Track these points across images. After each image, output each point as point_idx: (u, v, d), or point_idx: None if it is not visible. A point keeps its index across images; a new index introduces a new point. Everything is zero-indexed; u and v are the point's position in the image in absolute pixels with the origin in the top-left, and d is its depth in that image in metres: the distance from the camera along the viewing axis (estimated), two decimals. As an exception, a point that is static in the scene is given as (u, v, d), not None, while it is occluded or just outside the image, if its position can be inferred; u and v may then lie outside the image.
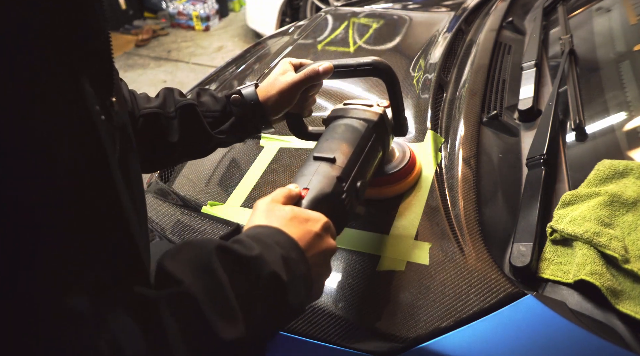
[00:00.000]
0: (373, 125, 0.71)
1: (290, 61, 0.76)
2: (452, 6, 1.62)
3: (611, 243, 0.62)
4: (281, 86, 0.73)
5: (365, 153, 0.68)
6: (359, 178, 0.65)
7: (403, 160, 0.83)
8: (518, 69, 1.14)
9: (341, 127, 0.71)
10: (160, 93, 0.75)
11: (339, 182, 0.61)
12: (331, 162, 0.63)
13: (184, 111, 0.73)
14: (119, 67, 4.05)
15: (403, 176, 0.82)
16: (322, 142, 0.68)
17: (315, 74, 0.72)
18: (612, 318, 0.57)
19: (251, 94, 0.74)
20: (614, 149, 0.80)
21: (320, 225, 0.53)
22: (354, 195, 0.63)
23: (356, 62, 0.72)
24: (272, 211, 0.53)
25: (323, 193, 0.59)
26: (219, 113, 0.75)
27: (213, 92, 0.77)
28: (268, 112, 0.75)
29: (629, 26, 1.08)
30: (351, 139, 0.68)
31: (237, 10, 5.16)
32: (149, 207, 1.01)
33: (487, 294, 0.62)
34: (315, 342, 0.66)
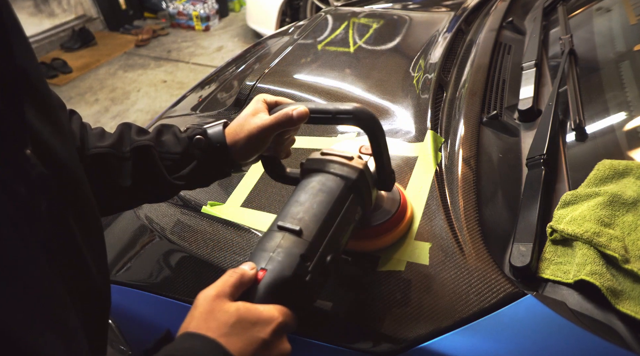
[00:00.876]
0: (351, 183, 0.62)
1: (265, 99, 0.67)
2: (452, 6, 1.62)
3: (611, 243, 0.62)
4: (250, 129, 0.64)
5: (339, 219, 0.59)
6: (329, 251, 0.57)
7: (391, 208, 0.73)
8: (518, 69, 1.15)
9: (314, 186, 0.62)
10: (117, 129, 0.66)
11: (302, 261, 0.52)
12: (296, 235, 0.55)
13: (139, 152, 0.63)
14: (119, 67, 4.07)
15: (389, 228, 0.72)
16: (289, 206, 0.60)
17: (288, 120, 0.63)
18: (612, 318, 0.57)
19: (218, 136, 0.65)
20: (614, 149, 0.80)
21: (270, 329, 0.46)
22: (321, 274, 0.55)
23: (335, 109, 0.62)
24: (213, 312, 0.45)
25: (283, 277, 0.51)
26: (179, 156, 0.65)
27: (176, 131, 0.68)
28: (237, 156, 0.65)
29: (629, 26, 1.08)
30: (323, 203, 0.59)
31: (237, 10, 5.16)
32: (149, 207, 1.01)
33: (487, 294, 0.62)
34: (315, 342, 0.66)
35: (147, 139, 0.65)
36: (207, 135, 0.66)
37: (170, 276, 0.88)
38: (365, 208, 0.66)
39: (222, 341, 0.43)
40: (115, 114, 3.37)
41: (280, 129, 0.64)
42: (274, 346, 0.46)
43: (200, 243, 0.87)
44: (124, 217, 1.05)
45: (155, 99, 3.55)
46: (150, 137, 0.66)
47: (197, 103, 1.42)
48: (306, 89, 1.23)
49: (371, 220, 0.72)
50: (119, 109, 3.44)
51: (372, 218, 0.72)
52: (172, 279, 0.88)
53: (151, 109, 3.40)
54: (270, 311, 0.48)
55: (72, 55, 4.29)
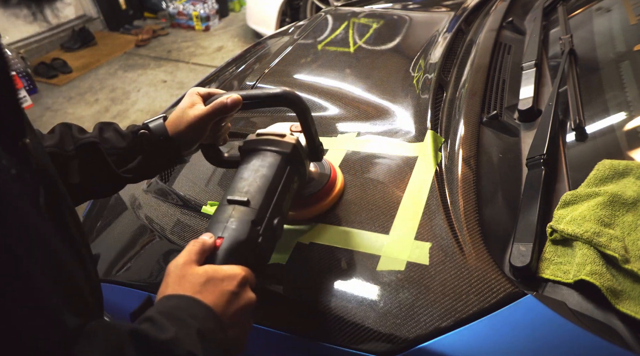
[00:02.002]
0: (287, 157, 0.69)
1: (198, 92, 0.72)
2: (452, 6, 1.62)
3: (611, 243, 0.62)
4: (189, 119, 0.68)
5: (280, 188, 0.67)
6: (276, 214, 0.64)
7: (322, 180, 0.82)
8: (518, 69, 1.15)
9: (254, 163, 0.68)
10: (55, 129, 0.68)
11: (254, 226, 0.60)
12: (245, 205, 0.61)
13: (85, 149, 0.66)
14: (119, 67, 4.07)
15: (321, 198, 0.81)
16: (235, 182, 0.66)
17: (223, 107, 0.68)
18: (612, 318, 0.57)
19: (160, 129, 0.69)
20: (614, 149, 0.80)
21: (236, 282, 0.52)
22: (270, 235, 0.63)
23: (264, 93, 0.70)
24: (185, 277, 0.51)
25: (238, 241, 0.58)
26: (124, 151, 0.69)
27: (117, 127, 0.71)
28: (179, 146, 0.70)
29: (629, 26, 1.08)
30: (265, 176, 0.66)
31: (237, 10, 5.16)
32: (149, 207, 1.01)
33: (487, 294, 0.62)
34: (316, 342, 0.66)
35: (92, 136, 0.68)
36: (149, 129, 0.70)
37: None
38: (301, 177, 0.74)
39: (197, 297, 0.49)
40: (115, 114, 3.37)
41: (217, 117, 0.70)
42: (241, 297, 0.53)
43: (200, 243, 0.86)
44: (124, 217, 1.05)
45: (155, 99, 3.55)
46: (94, 134, 0.69)
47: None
48: (306, 89, 1.23)
49: (305, 191, 0.80)
50: (119, 109, 3.44)
51: (306, 189, 0.80)
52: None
53: (151, 109, 3.40)
54: (233, 269, 0.54)
55: (72, 55, 4.29)
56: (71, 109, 3.48)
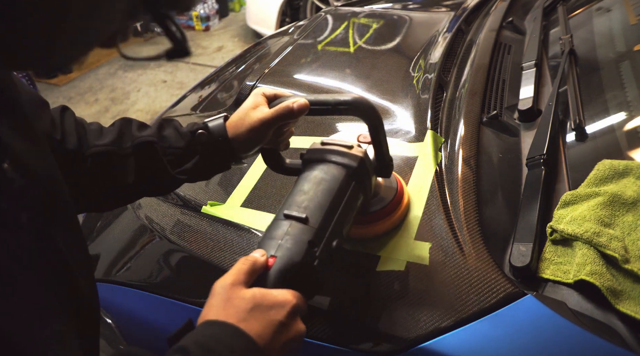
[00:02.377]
0: (352, 171, 0.63)
1: (264, 92, 0.68)
2: (452, 6, 1.62)
3: (611, 243, 0.62)
4: (251, 122, 0.64)
5: (342, 206, 0.61)
6: (334, 237, 0.59)
7: (388, 195, 0.75)
8: (518, 69, 1.14)
9: (316, 176, 0.63)
10: (116, 124, 0.66)
11: (310, 247, 0.55)
12: (303, 223, 0.56)
13: (141, 148, 0.64)
14: (119, 67, 4.07)
15: (387, 213, 0.74)
16: (294, 195, 0.61)
17: (288, 112, 0.64)
18: (612, 318, 0.57)
19: (219, 130, 0.65)
20: (614, 149, 0.80)
21: (285, 312, 0.48)
22: (328, 258, 0.57)
23: (334, 100, 0.63)
24: (230, 300, 0.48)
25: (293, 262, 0.53)
26: (182, 151, 0.66)
27: (177, 125, 0.68)
28: (238, 149, 0.66)
29: (629, 26, 1.08)
30: (327, 191, 0.61)
31: (237, 10, 5.16)
32: (149, 207, 1.01)
33: (487, 294, 0.62)
34: (316, 342, 0.66)
35: (149, 134, 0.65)
36: (209, 129, 0.66)
37: (170, 276, 0.88)
38: (366, 194, 0.67)
39: (241, 326, 0.46)
40: (116, 114, 3.37)
41: (281, 122, 0.65)
42: (290, 328, 0.49)
43: (200, 243, 0.86)
44: (124, 217, 1.05)
45: (155, 99, 3.55)
46: (152, 132, 0.66)
47: (197, 103, 1.42)
48: (306, 89, 1.23)
49: (369, 207, 0.73)
50: (119, 109, 3.44)
51: (370, 205, 0.73)
52: (172, 279, 0.88)
53: (151, 109, 3.40)
54: (284, 295, 0.50)
55: (72, 55, 4.28)
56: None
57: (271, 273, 0.52)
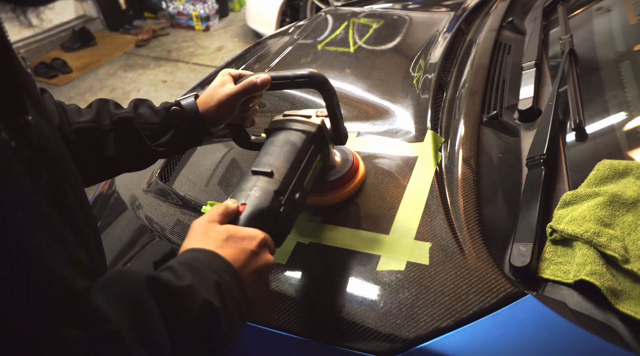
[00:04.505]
0: (311, 136, 0.72)
1: (230, 72, 0.75)
2: (452, 6, 1.62)
3: (611, 243, 0.62)
4: (219, 97, 0.72)
5: (303, 165, 0.69)
6: (297, 189, 0.66)
7: (344, 168, 0.83)
8: (518, 69, 1.14)
9: (280, 140, 0.71)
10: (93, 105, 0.73)
11: (276, 196, 0.62)
12: (269, 176, 0.64)
13: (121, 124, 0.70)
14: (119, 67, 4.07)
15: (343, 184, 0.82)
16: (260, 156, 0.69)
17: (252, 86, 0.71)
18: (612, 318, 0.57)
19: (191, 106, 0.73)
20: (614, 149, 0.80)
21: (256, 243, 0.54)
22: (292, 207, 0.64)
23: (293, 74, 0.72)
24: (207, 232, 0.53)
25: (260, 208, 0.59)
26: (157, 126, 0.73)
27: (151, 104, 0.75)
28: (208, 123, 0.74)
29: (629, 26, 1.08)
30: (289, 151, 0.68)
31: (237, 10, 5.16)
32: (149, 207, 1.01)
33: (487, 294, 0.62)
34: (316, 342, 0.66)
35: (127, 111, 0.72)
36: (181, 106, 0.73)
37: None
38: (324, 159, 0.76)
39: (218, 251, 0.51)
40: (115, 114, 3.37)
41: (247, 96, 0.73)
42: (260, 256, 0.54)
43: (200, 243, 0.86)
44: (124, 217, 1.05)
45: (156, 99, 3.53)
46: (129, 109, 0.73)
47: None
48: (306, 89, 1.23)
49: (328, 177, 0.82)
50: (119, 109, 3.44)
51: (328, 175, 0.82)
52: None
53: (151, 109, 3.40)
54: (253, 231, 0.56)
55: (72, 55, 4.29)
56: (71, 109, 3.48)
57: (242, 217, 0.58)
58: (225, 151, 1.11)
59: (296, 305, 0.71)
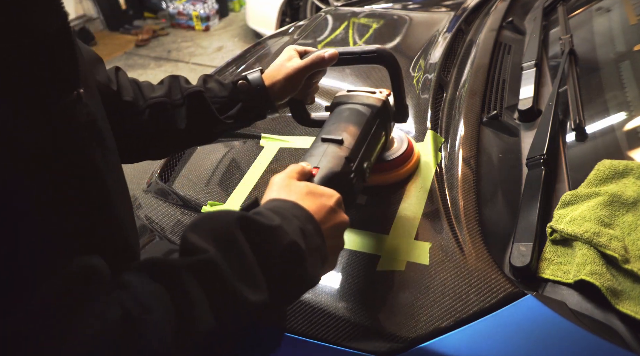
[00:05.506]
0: (377, 110, 0.73)
1: (295, 48, 0.78)
2: (452, 6, 1.62)
3: (611, 243, 0.62)
4: (287, 71, 0.75)
5: (370, 136, 0.71)
6: (365, 159, 0.68)
7: (401, 148, 0.85)
8: (518, 69, 1.14)
9: (346, 111, 0.73)
10: (165, 81, 0.76)
11: (347, 162, 0.63)
12: (339, 144, 0.65)
13: (192, 98, 0.73)
14: (119, 67, 4.07)
15: (401, 163, 0.84)
16: (329, 125, 0.71)
17: (320, 60, 0.74)
18: (612, 318, 0.57)
19: (257, 80, 0.75)
20: (614, 149, 0.80)
21: (334, 200, 0.55)
22: (360, 175, 0.66)
23: (360, 49, 0.74)
24: (288, 186, 0.55)
25: (333, 172, 0.61)
26: (226, 99, 0.76)
27: (219, 79, 0.78)
28: (274, 97, 0.76)
29: (629, 26, 1.08)
30: (357, 122, 0.70)
31: (237, 10, 5.16)
32: (149, 207, 1.01)
33: (487, 294, 0.62)
34: (315, 342, 0.66)
35: (197, 86, 0.75)
36: (248, 80, 0.76)
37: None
38: (387, 133, 0.79)
39: (300, 203, 0.52)
40: (115, 114, 3.36)
41: (314, 69, 0.75)
42: (337, 214, 0.55)
43: (200, 243, 0.86)
44: (124, 217, 1.05)
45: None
46: (199, 84, 0.76)
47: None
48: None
49: (386, 157, 0.84)
50: (119, 109, 3.44)
51: (386, 155, 0.84)
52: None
53: (151, 109, 3.40)
54: (330, 190, 0.57)
55: (72, 55, 4.28)
56: (71, 109, 3.48)
57: (316, 179, 0.60)
58: (225, 151, 1.11)
59: (296, 304, 0.70)
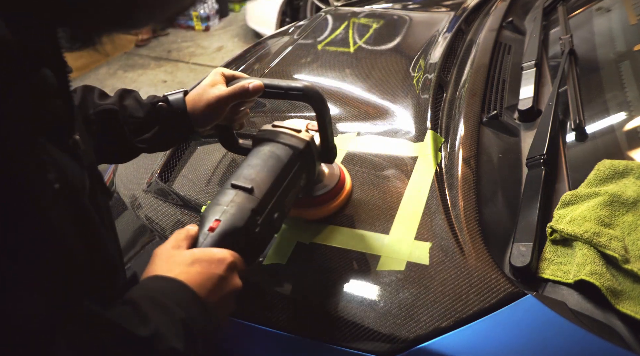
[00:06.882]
0: (298, 153, 0.68)
1: (223, 72, 0.72)
2: (452, 6, 1.62)
3: (611, 243, 0.62)
4: (208, 98, 0.68)
5: (286, 183, 0.66)
6: (276, 209, 0.63)
7: (331, 181, 0.80)
8: (518, 69, 1.14)
9: (265, 153, 0.68)
10: (77, 92, 0.68)
11: (253, 215, 0.59)
12: (248, 192, 0.60)
13: (103, 116, 0.67)
14: (119, 67, 4.07)
15: (328, 200, 0.79)
16: (242, 168, 0.66)
17: (244, 92, 0.68)
18: (612, 318, 0.57)
19: (179, 103, 0.70)
20: (614, 149, 0.80)
21: (224, 267, 0.52)
22: (268, 227, 0.62)
23: (287, 85, 0.69)
24: (171, 258, 0.51)
25: (235, 227, 0.57)
26: (141, 120, 0.69)
27: (138, 96, 0.72)
28: (195, 123, 0.70)
29: (629, 26, 1.08)
30: (273, 167, 0.65)
31: (237, 10, 5.16)
32: (149, 207, 1.01)
33: (487, 294, 0.62)
34: (316, 342, 0.66)
35: (111, 103, 0.68)
36: (168, 102, 0.70)
37: (170, 276, 0.88)
38: (309, 176, 0.73)
39: (183, 279, 0.49)
40: (115, 114, 3.37)
41: (237, 100, 0.69)
42: (228, 281, 0.52)
43: (200, 243, 0.86)
44: (124, 217, 1.05)
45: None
46: (114, 101, 0.69)
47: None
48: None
49: (314, 191, 0.79)
50: (119, 109, 3.44)
51: (314, 189, 0.79)
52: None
53: (151, 109, 3.40)
54: (222, 252, 0.53)
55: (72, 55, 4.23)
56: (71, 109, 3.48)
57: (214, 235, 0.56)
58: (225, 151, 1.11)
59: (296, 305, 0.70)
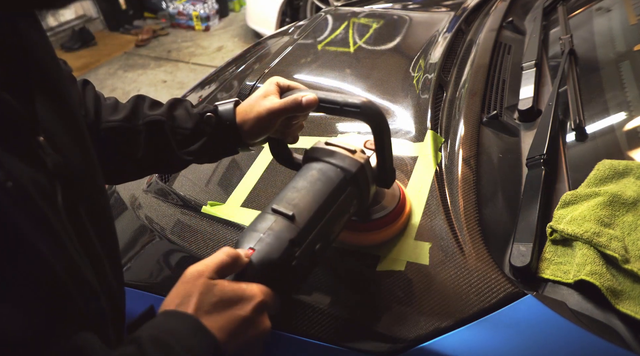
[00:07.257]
0: (350, 177, 0.61)
1: (278, 82, 0.68)
2: (452, 6, 1.62)
3: (611, 243, 0.62)
4: (260, 110, 0.65)
5: (333, 210, 0.59)
6: (319, 240, 0.57)
7: (391, 203, 0.73)
8: (518, 69, 1.14)
9: (313, 175, 0.61)
10: (130, 102, 0.69)
11: (291, 246, 0.53)
12: (289, 220, 0.55)
13: (152, 127, 0.66)
14: (119, 67, 4.07)
15: (388, 223, 0.72)
16: (286, 191, 0.60)
17: (296, 106, 0.63)
18: (612, 318, 0.57)
19: (228, 114, 0.67)
20: (614, 149, 0.80)
21: (251, 307, 0.47)
22: (307, 260, 0.55)
23: (343, 101, 0.62)
24: (196, 288, 0.46)
25: (269, 259, 0.51)
26: (190, 131, 0.67)
27: (188, 106, 0.69)
28: (245, 135, 0.67)
29: (629, 26, 1.08)
30: (320, 192, 0.59)
31: (237, 10, 5.16)
32: (149, 207, 1.01)
33: (487, 294, 0.62)
34: (315, 342, 0.66)
35: (160, 113, 0.67)
36: (218, 112, 0.68)
37: (170, 276, 0.88)
38: (362, 202, 0.66)
39: (203, 319, 0.44)
40: (115, 114, 3.36)
41: (288, 114, 0.65)
42: (254, 324, 0.47)
43: (200, 243, 0.86)
44: (124, 217, 1.05)
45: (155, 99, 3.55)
46: (163, 111, 0.68)
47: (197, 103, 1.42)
48: (306, 89, 1.23)
49: (370, 214, 0.71)
50: (119, 109, 3.44)
51: (370, 212, 0.71)
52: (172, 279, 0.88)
53: (151, 109, 3.39)
54: (252, 290, 0.48)
55: (72, 55, 4.29)
56: (71, 109, 3.48)
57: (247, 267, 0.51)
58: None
59: (296, 305, 0.70)
